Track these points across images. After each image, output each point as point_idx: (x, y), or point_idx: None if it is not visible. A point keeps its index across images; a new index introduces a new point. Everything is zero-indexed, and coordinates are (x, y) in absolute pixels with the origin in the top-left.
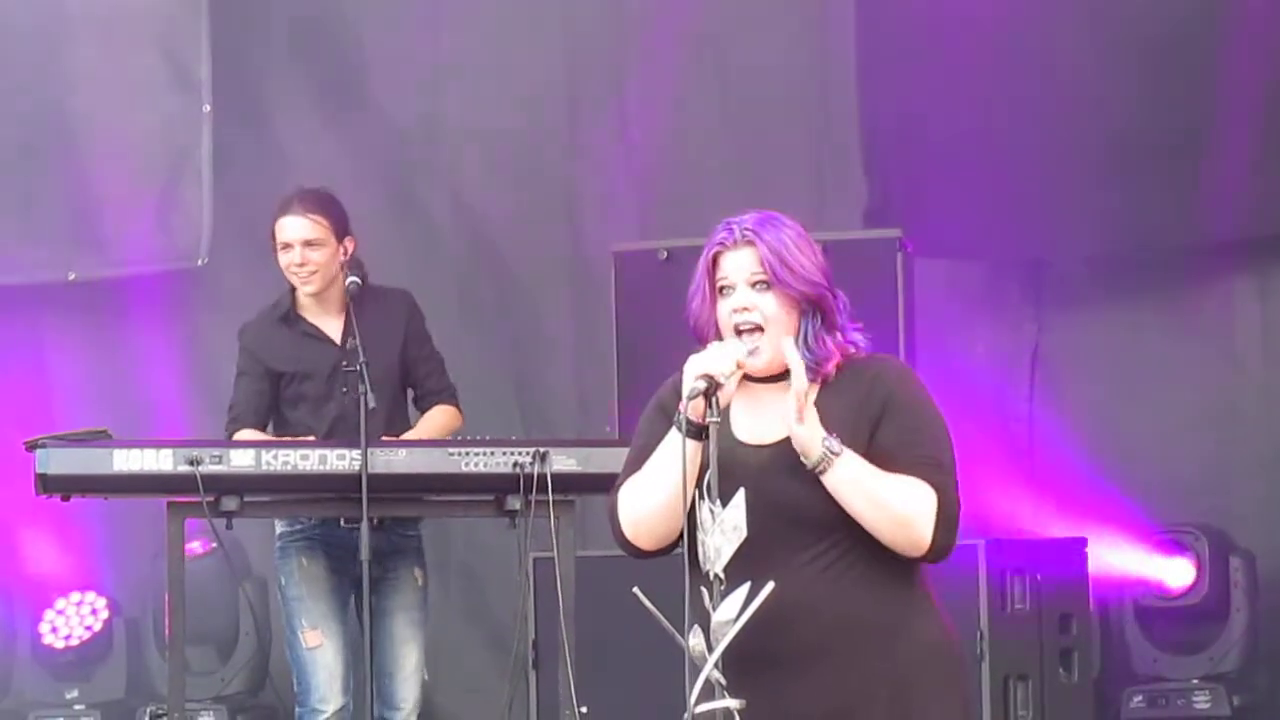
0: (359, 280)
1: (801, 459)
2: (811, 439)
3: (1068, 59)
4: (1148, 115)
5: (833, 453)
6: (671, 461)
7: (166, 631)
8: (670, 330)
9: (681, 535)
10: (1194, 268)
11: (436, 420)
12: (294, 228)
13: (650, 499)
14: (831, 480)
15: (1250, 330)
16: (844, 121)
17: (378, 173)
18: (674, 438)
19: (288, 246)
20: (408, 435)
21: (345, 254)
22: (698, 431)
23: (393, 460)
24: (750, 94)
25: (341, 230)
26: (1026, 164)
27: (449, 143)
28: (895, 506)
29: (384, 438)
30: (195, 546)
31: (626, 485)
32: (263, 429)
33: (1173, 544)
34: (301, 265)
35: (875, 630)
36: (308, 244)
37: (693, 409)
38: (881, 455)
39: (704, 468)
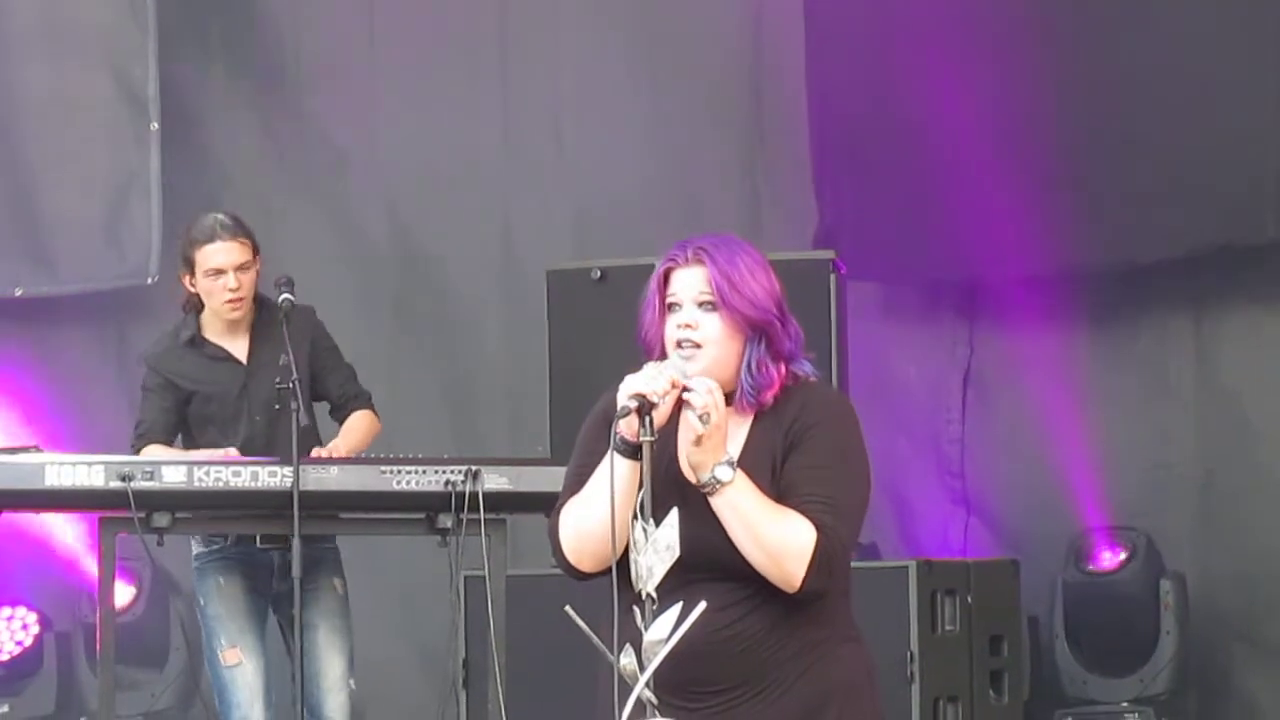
0: (291, 299)
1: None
2: (703, 464)
3: (1005, 82)
4: (1081, 138)
5: (719, 481)
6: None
7: (97, 646)
8: (604, 349)
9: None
10: (1128, 291)
11: (358, 425)
12: (227, 253)
13: (590, 520)
14: (715, 505)
15: (1183, 353)
16: (780, 141)
17: (315, 190)
18: (617, 458)
19: (220, 273)
20: (334, 444)
21: (258, 273)
22: (634, 451)
23: (324, 478)
24: (686, 114)
25: (257, 248)
26: (961, 187)
27: (385, 161)
28: (769, 542)
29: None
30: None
31: (567, 506)
32: (170, 445)
33: (1110, 540)
34: (236, 289)
35: (804, 654)
36: (240, 268)
37: (626, 427)
38: (784, 486)
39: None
